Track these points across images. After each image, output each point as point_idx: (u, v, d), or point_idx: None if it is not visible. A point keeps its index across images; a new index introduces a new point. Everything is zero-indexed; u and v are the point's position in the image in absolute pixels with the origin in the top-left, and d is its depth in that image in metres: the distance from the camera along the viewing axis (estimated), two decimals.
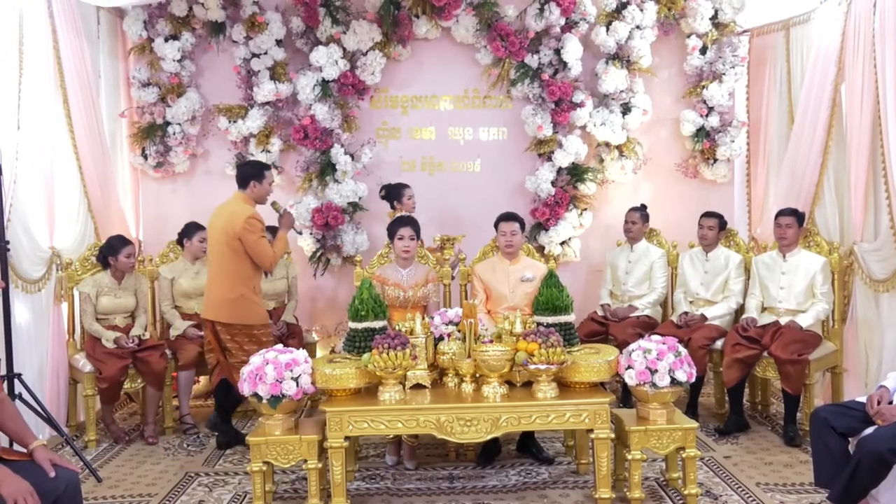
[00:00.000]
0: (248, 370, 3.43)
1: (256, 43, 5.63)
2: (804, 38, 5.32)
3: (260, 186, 4.44)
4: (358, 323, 3.67)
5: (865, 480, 3.08)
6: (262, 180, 4.44)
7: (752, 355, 4.56)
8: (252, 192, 4.44)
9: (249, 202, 4.43)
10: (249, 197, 4.44)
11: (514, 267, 4.49)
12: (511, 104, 6.02)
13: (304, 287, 5.71)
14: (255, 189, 4.43)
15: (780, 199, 5.26)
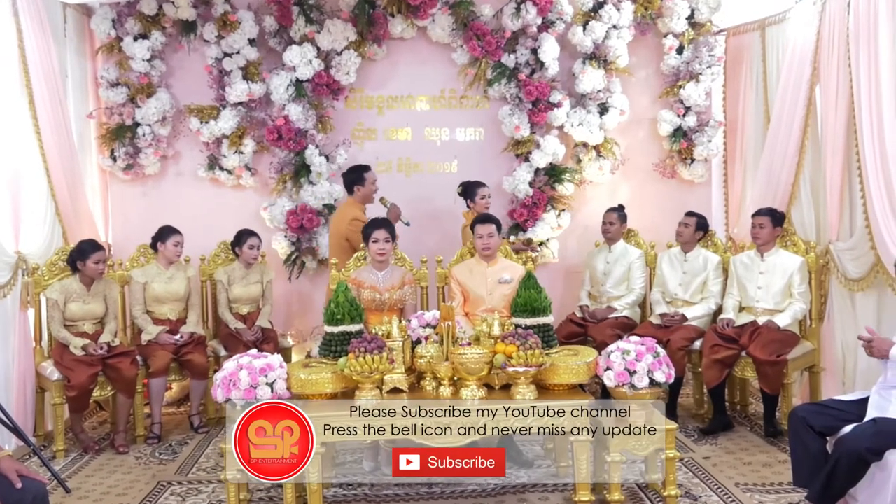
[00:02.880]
0: (222, 376, 3.39)
1: (228, 42, 5.59)
2: (780, 38, 5.39)
3: (363, 188, 5.12)
4: (334, 327, 3.65)
5: (844, 479, 3.13)
6: (364, 182, 5.11)
7: (731, 355, 4.61)
8: (358, 195, 5.14)
9: (357, 204, 5.13)
10: (357, 199, 5.13)
11: (492, 269, 4.50)
12: (488, 104, 6.03)
13: (278, 291, 5.67)
14: (360, 191, 5.13)
15: (757, 198, 5.33)
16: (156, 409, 4.83)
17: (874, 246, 4.27)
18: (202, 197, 5.88)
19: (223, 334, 5.19)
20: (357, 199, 5.14)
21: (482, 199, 5.22)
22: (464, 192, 5.34)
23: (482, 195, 5.23)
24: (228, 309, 5.19)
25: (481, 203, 5.21)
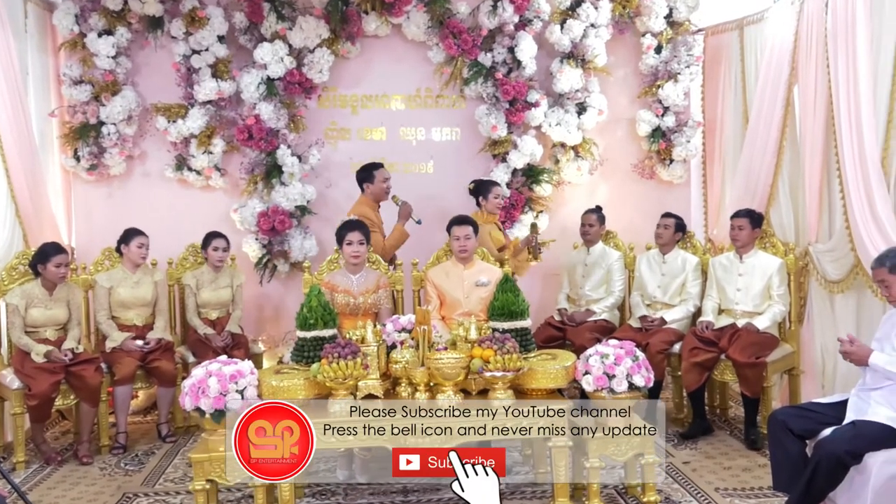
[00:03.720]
0: (190, 383, 3.36)
1: (197, 39, 5.54)
2: (758, 38, 5.45)
3: (373, 186, 5.15)
4: (306, 332, 3.64)
5: (823, 483, 3.17)
6: (373, 180, 5.14)
7: (711, 358, 4.66)
8: (368, 193, 5.16)
9: (368, 202, 5.15)
10: (368, 197, 5.15)
11: (469, 271, 4.50)
12: (464, 104, 6.04)
13: (249, 295, 5.63)
14: (370, 189, 5.16)
15: (736, 200, 5.39)
16: (121, 418, 4.77)
17: (854, 247, 4.33)
18: (170, 199, 5.82)
19: (192, 340, 5.15)
20: (368, 197, 5.17)
21: (496, 199, 5.18)
22: (475, 190, 5.30)
23: (496, 194, 5.18)
24: (197, 314, 5.15)
25: (494, 202, 5.17)
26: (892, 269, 3.35)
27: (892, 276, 3.35)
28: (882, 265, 3.40)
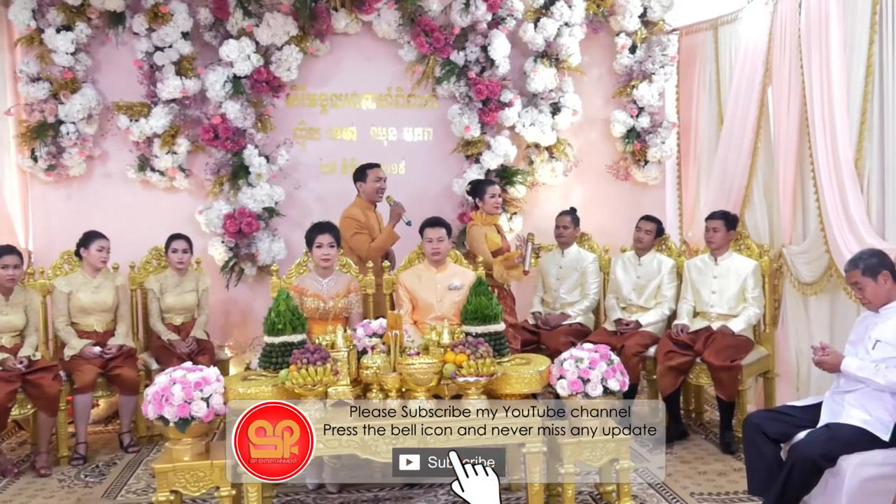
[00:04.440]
0: (153, 391, 3.33)
1: (160, 35, 5.49)
2: (732, 38, 5.53)
3: (365, 185, 5.16)
4: (274, 337, 3.61)
5: (798, 487, 3.23)
6: (366, 179, 5.16)
7: (686, 362, 4.71)
8: (362, 193, 5.18)
9: (361, 202, 5.17)
10: (361, 198, 5.17)
11: (441, 275, 4.51)
12: (437, 103, 6.05)
13: (215, 299, 5.59)
14: (363, 189, 5.18)
15: (711, 201, 5.46)
16: (81, 428, 4.71)
17: (828, 249, 4.41)
18: (132, 200, 5.76)
19: (155, 346, 5.10)
20: (361, 197, 5.20)
21: (491, 199, 5.12)
22: (472, 190, 5.30)
23: (491, 194, 5.13)
24: (161, 319, 5.10)
25: (490, 202, 5.12)
26: (864, 270, 3.42)
27: (865, 277, 3.42)
28: (855, 267, 3.46)
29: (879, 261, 3.43)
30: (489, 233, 5.13)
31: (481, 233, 5.02)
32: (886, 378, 3.26)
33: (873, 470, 3.17)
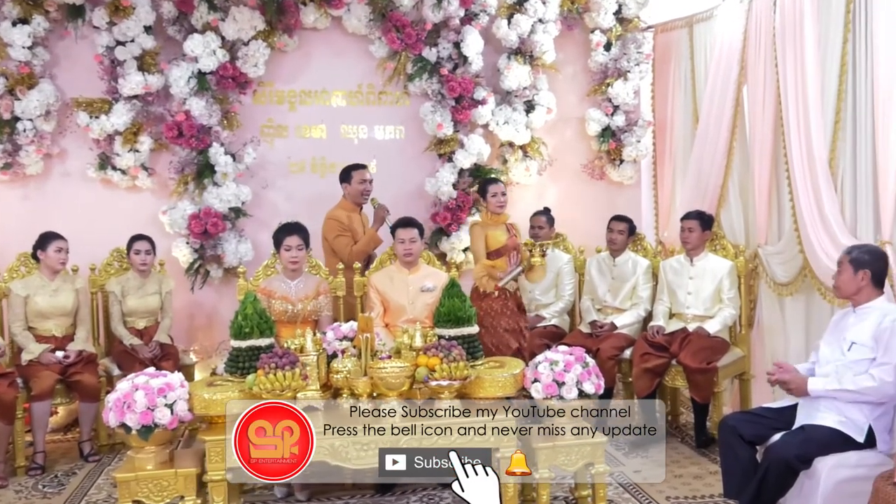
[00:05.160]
0: (115, 397, 3.29)
1: (121, 29, 5.42)
2: (707, 36, 5.60)
3: (350, 187, 5.18)
4: (241, 341, 3.59)
5: (773, 489, 3.28)
6: (351, 181, 5.18)
7: (662, 364, 4.76)
8: (347, 195, 5.20)
9: (346, 204, 5.19)
10: (346, 199, 5.19)
11: (414, 276, 4.51)
12: (408, 101, 6.05)
13: (179, 302, 5.54)
14: (347, 190, 5.20)
15: (686, 201, 5.52)
16: (39, 437, 4.64)
17: (802, 249, 4.48)
18: (92, 200, 5.68)
19: (116, 351, 5.05)
20: (347, 199, 5.21)
21: (493, 198, 4.92)
22: (479, 189, 5.21)
23: (493, 192, 4.94)
24: (122, 323, 5.05)
25: (493, 201, 4.92)
26: (852, 259, 3.47)
27: (849, 265, 3.46)
28: (849, 252, 3.53)
29: (870, 259, 3.47)
30: (491, 232, 4.91)
31: (481, 233, 4.89)
32: (857, 384, 3.32)
33: (848, 471, 3.23)
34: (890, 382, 3.29)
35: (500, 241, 4.84)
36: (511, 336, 4.70)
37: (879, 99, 4.02)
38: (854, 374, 3.36)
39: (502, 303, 4.73)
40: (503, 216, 4.93)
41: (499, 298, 4.72)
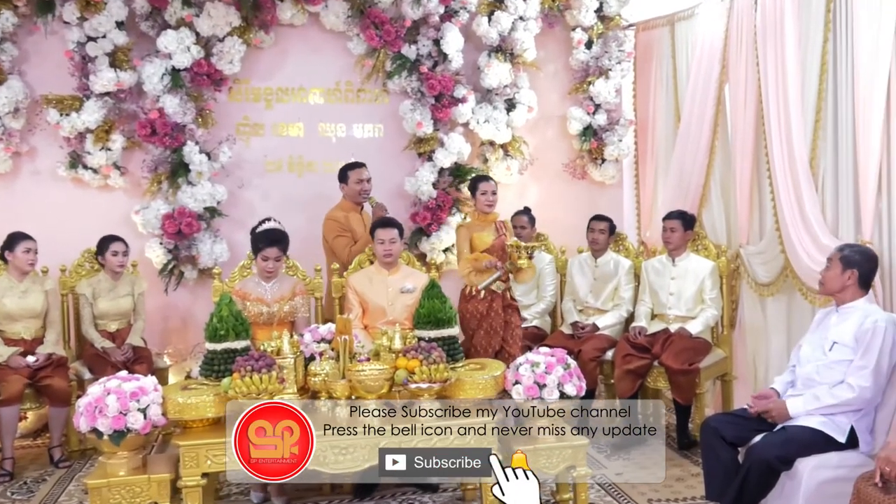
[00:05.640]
0: (86, 402, 3.27)
1: (93, 25, 5.38)
2: (689, 34, 5.65)
3: (347, 187, 5.18)
4: (216, 343, 3.58)
5: (754, 490, 3.31)
6: (347, 181, 5.17)
7: (644, 365, 4.79)
8: (345, 195, 5.20)
9: (345, 204, 5.20)
10: (344, 199, 5.20)
11: (393, 277, 4.51)
12: (388, 98, 6.05)
13: (153, 304, 5.51)
14: (345, 190, 5.20)
15: (668, 201, 5.57)
16: (7, 443, 4.59)
17: (784, 249, 4.53)
18: (63, 199, 5.63)
19: (88, 355, 5.00)
20: (346, 199, 5.21)
21: (482, 196, 4.82)
22: (469, 187, 5.07)
23: (482, 191, 4.83)
24: (94, 326, 5.01)
25: (482, 199, 4.82)
26: (843, 257, 3.52)
27: (838, 262, 3.51)
28: (841, 250, 3.57)
29: (860, 260, 3.52)
30: (477, 234, 4.83)
31: (466, 235, 4.82)
32: (836, 398, 3.37)
33: (830, 472, 3.27)
34: (868, 387, 3.34)
35: (486, 244, 4.78)
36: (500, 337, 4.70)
37: (860, 98, 4.08)
38: (830, 386, 3.41)
39: (487, 304, 4.72)
40: (492, 216, 4.86)
41: (484, 300, 4.71)
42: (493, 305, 4.72)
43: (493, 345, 4.64)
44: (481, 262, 4.66)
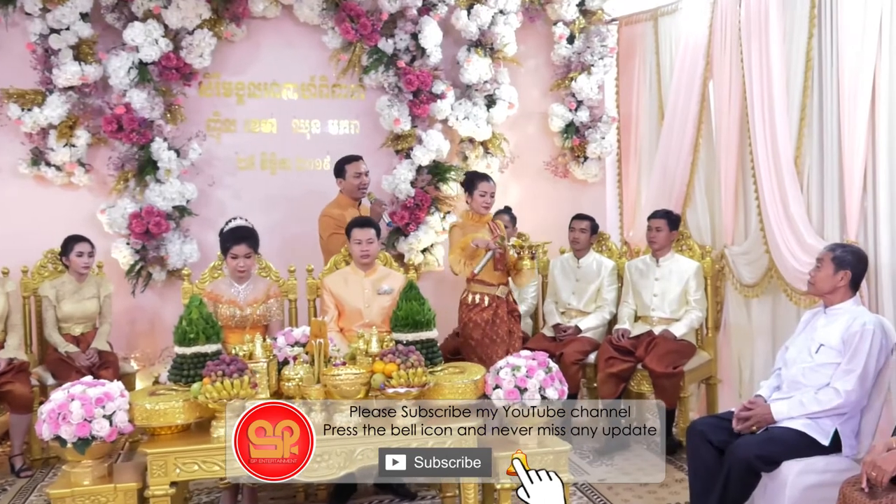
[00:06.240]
0: (49, 408, 3.23)
1: (56, 16, 5.32)
2: (673, 30, 5.69)
3: (345, 181, 5.14)
4: (186, 347, 3.54)
5: (736, 491, 3.34)
6: (345, 176, 5.13)
7: (627, 368, 4.82)
8: (343, 190, 5.16)
9: (342, 199, 5.15)
10: (342, 195, 5.16)
11: (370, 278, 4.50)
12: (364, 94, 6.05)
13: (120, 307, 5.46)
14: (342, 185, 5.16)
15: (652, 200, 5.61)
16: None
17: (768, 250, 4.58)
18: (24, 198, 5.57)
19: (51, 359, 4.96)
20: (343, 194, 5.18)
21: (481, 197, 4.74)
22: (465, 183, 4.94)
23: (482, 191, 4.74)
24: (57, 329, 4.97)
25: (479, 201, 4.74)
26: (834, 258, 3.54)
27: (830, 262, 3.52)
28: (832, 250, 3.59)
29: (852, 260, 3.54)
30: (472, 235, 4.76)
31: (460, 236, 4.76)
32: (823, 404, 3.41)
33: (815, 477, 3.30)
34: (853, 391, 3.38)
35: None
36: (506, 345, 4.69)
37: (846, 96, 4.12)
38: (816, 389, 3.45)
39: (493, 312, 4.72)
40: (486, 216, 4.85)
41: (489, 308, 4.72)
42: (499, 312, 4.72)
43: (500, 354, 4.57)
44: (471, 247, 4.63)
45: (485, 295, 4.73)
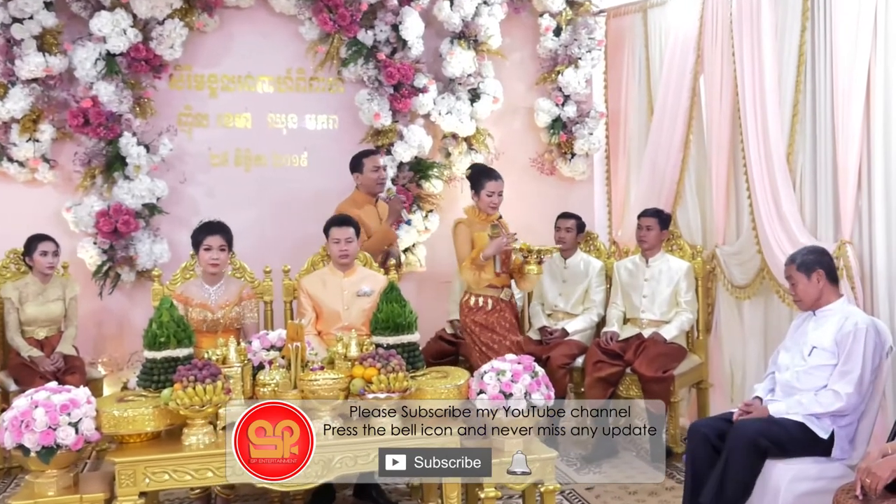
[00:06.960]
0: (11, 416, 3.21)
1: (18, 5, 5.28)
2: (662, 22, 5.71)
3: (362, 176, 5.18)
4: (156, 352, 3.53)
5: (740, 473, 3.36)
6: (362, 170, 5.16)
7: (616, 373, 4.84)
8: (360, 186, 5.19)
9: (359, 195, 5.19)
10: (360, 191, 5.19)
11: (349, 279, 4.49)
12: (343, 88, 6.04)
13: (86, 310, 5.43)
14: (360, 180, 5.20)
15: (642, 198, 5.63)
16: None
17: (760, 250, 4.61)
18: None
19: (13, 364, 4.93)
20: (360, 190, 5.20)
21: (489, 197, 4.70)
22: (471, 178, 4.86)
23: (490, 191, 4.69)
24: (20, 333, 4.94)
25: (487, 201, 4.70)
26: (800, 266, 3.62)
27: (799, 273, 3.61)
28: (793, 262, 3.67)
29: (816, 258, 3.63)
30: (479, 234, 4.73)
31: (466, 234, 4.71)
32: (824, 406, 3.46)
33: (808, 484, 3.35)
34: (853, 393, 3.44)
35: (486, 243, 4.74)
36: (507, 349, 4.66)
37: (839, 91, 4.15)
38: (812, 392, 3.49)
39: (498, 314, 4.73)
40: (493, 215, 4.83)
41: (493, 311, 4.72)
42: (506, 315, 4.74)
43: None
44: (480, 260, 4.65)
45: (487, 297, 4.73)
